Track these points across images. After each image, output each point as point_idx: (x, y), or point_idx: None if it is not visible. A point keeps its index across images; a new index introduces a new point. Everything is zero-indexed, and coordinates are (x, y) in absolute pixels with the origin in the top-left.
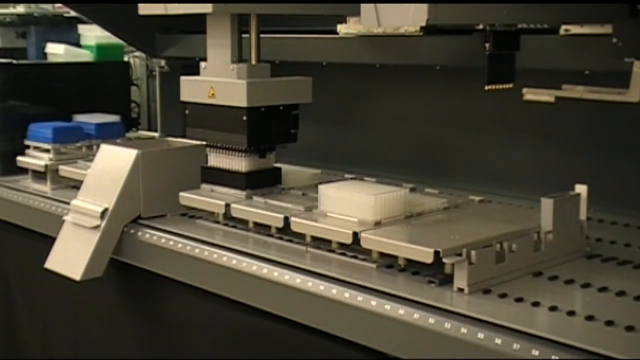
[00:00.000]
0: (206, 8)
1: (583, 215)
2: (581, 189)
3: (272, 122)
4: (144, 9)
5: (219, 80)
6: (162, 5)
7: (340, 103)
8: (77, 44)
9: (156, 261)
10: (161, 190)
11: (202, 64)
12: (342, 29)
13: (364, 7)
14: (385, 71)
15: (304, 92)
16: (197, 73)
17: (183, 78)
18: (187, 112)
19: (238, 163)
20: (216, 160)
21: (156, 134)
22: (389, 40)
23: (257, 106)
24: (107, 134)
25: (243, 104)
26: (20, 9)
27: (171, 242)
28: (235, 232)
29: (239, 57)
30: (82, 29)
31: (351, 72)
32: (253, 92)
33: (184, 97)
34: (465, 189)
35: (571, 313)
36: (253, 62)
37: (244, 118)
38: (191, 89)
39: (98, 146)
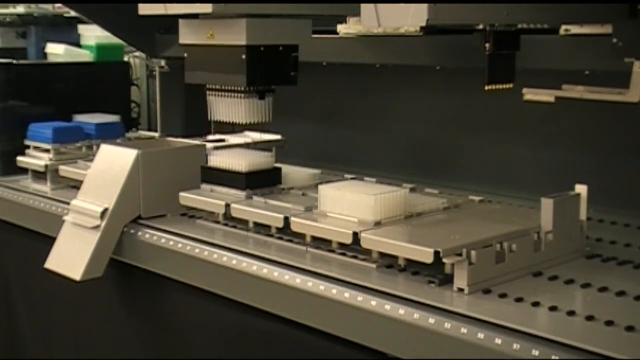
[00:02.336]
0: (206, 8)
1: (583, 215)
2: (581, 189)
3: (271, 62)
4: (144, 9)
5: (219, 20)
6: (162, 5)
7: (340, 103)
8: (77, 44)
9: (156, 261)
10: (161, 190)
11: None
12: (342, 29)
13: (364, 7)
14: (385, 71)
15: (304, 33)
16: None
17: (182, 20)
18: (185, 55)
19: (237, 107)
20: (218, 108)
21: (156, 134)
22: (389, 40)
23: (257, 45)
24: (107, 134)
25: (242, 42)
26: (20, 9)
27: (171, 242)
28: (235, 232)
29: None
30: (82, 29)
31: (351, 72)
32: (252, 30)
33: (183, 39)
34: (465, 189)
35: (571, 313)
36: None
37: (243, 57)
38: (190, 30)
39: (98, 146)
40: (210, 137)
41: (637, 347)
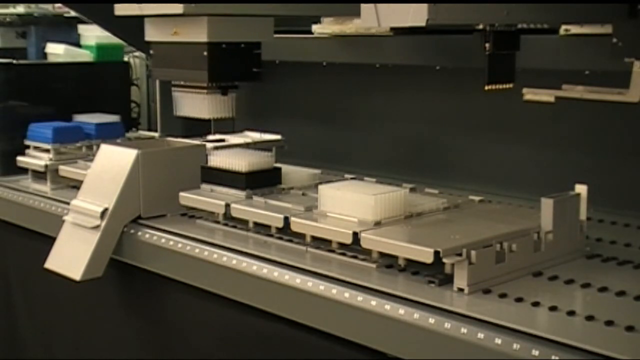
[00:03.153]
0: (177, 8)
1: (583, 215)
2: (581, 189)
3: (233, 59)
4: (119, 10)
5: (182, 17)
6: (137, 5)
7: (340, 103)
8: (77, 44)
9: (156, 261)
10: (161, 190)
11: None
12: (317, 29)
13: (364, 7)
14: (385, 71)
15: (266, 30)
16: None
17: (147, 18)
18: (151, 52)
19: (201, 103)
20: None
21: (156, 134)
22: (389, 40)
23: (218, 42)
24: (107, 134)
25: (204, 39)
26: (20, 9)
27: (171, 242)
28: (235, 232)
29: None
30: (82, 29)
31: (351, 72)
32: (214, 27)
33: (148, 37)
34: (465, 189)
35: (571, 313)
36: None
37: (205, 53)
38: (155, 28)
39: (98, 146)
40: (210, 137)
41: (637, 347)
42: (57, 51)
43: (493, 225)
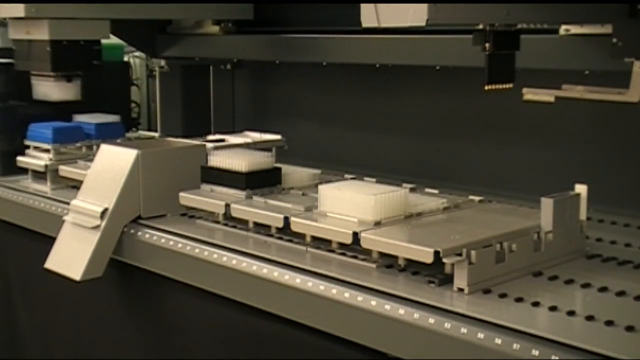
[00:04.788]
0: (19, 11)
1: (583, 215)
2: (581, 189)
3: (73, 53)
4: None
5: (32, 20)
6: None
7: (340, 103)
8: None
9: (156, 261)
10: (161, 190)
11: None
12: None
13: (364, 6)
14: (385, 71)
15: (102, 30)
16: (197, 73)
17: (10, 20)
18: (14, 47)
19: (50, 88)
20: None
21: (156, 134)
22: (389, 40)
23: (59, 39)
24: (107, 134)
25: (46, 37)
26: None
27: (171, 242)
28: (235, 232)
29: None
30: None
31: (351, 72)
32: (54, 28)
33: (10, 35)
34: (465, 189)
35: (571, 313)
36: None
37: (48, 49)
38: (15, 28)
39: (98, 146)
40: (210, 137)
41: (637, 347)
42: None
43: (493, 225)
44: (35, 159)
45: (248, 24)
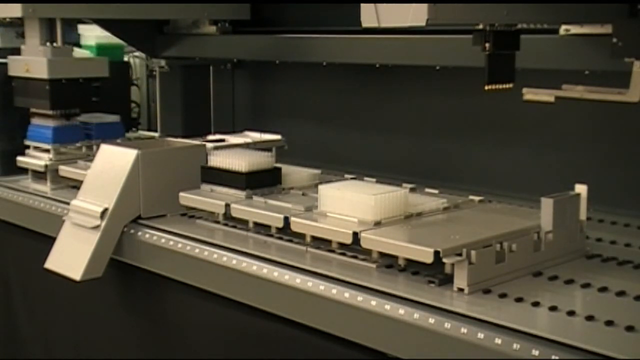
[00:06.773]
0: (16, 11)
1: (583, 215)
2: (581, 189)
3: (72, 91)
4: None
5: (31, 58)
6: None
7: (340, 103)
8: (77, 44)
9: (156, 261)
10: (161, 190)
11: (22, 47)
12: None
13: (364, 6)
14: (385, 71)
15: (100, 68)
16: (197, 73)
17: (10, 57)
18: (13, 84)
19: (45, 122)
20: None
21: (156, 134)
22: (389, 40)
23: (58, 78)
24: (107, 134)
25: (45, 76)
26: None
27: (171, 242)
28: (235, 232)
29: (47, 40)
30: (82, 29)
31: (351, 72)
32: (53, 67)
33: (11, 72)
34: (465, 189)
35: (571, 313)
36: (58, 44)
37: (47, 87)
38: (14, 65)
39: (98, 146)
40: (210, 137)
41: (637, 347)
42: None
43: (493, 225)
44: (35, 159)
45: (246, 24)
